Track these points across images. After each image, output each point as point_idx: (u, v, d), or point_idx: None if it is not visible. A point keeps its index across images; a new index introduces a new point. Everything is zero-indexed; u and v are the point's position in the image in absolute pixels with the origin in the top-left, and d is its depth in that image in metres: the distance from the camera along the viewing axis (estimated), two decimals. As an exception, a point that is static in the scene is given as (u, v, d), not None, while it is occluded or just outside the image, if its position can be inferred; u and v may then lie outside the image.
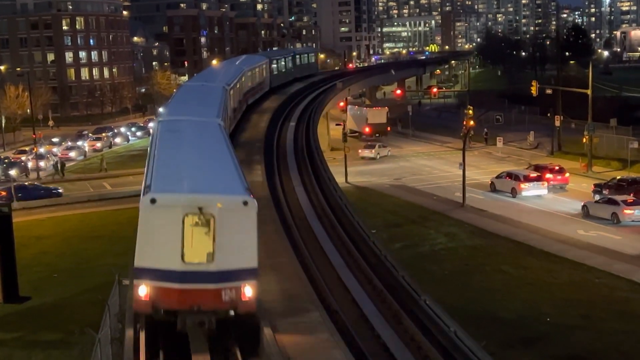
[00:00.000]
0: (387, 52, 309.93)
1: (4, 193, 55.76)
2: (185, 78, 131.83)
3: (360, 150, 70.81)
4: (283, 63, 72.23)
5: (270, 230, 23.52)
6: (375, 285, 22.61)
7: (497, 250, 38.41)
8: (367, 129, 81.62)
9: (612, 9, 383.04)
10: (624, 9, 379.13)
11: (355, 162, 65.00)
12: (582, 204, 45.70)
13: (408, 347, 18.73)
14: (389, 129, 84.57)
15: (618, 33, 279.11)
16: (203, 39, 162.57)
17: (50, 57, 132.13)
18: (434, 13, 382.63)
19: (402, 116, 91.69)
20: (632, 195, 45.15)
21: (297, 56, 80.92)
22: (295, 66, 78.38)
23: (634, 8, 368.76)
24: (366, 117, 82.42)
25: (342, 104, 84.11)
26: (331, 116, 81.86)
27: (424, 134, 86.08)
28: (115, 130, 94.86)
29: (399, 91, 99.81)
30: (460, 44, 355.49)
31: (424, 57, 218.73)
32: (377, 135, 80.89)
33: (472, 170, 57.36)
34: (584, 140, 61.31)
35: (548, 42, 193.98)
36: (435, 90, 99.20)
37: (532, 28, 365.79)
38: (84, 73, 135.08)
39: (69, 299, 32.29)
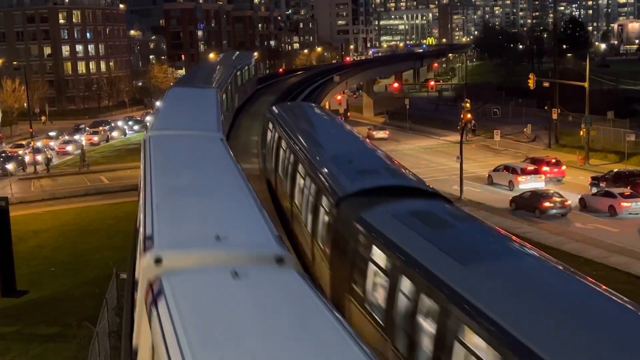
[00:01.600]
0: (385, 45, 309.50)
1: None
2: (182, 72, 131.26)
3: (375, 132, 78.65)
4: (230, 91, 41.95)
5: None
6: None
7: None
8: None
9: (610, 2, 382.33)
10: (621, 1, 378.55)
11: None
12: (579, 196, 45.74)
13: None
14: (349, 114, 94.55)
15: (615, 26, 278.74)
16: (200, 32, 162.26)
17: (47, 50, 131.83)
18: (431, 6, 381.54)
19: (397, 109, 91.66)
20: (629, 187, 45.22)
21: (239, 73, 49.19)
22: (237, 90, 47.71)
23: (631, 0, 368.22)
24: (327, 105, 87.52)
25: (339, 97, 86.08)
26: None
27: (421, 127, 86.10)
28: (113, 124, 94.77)
29: (396, 84, 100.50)
30: (457, 37, 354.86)
31: (421, 50, 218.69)
32: None
33: (469, 163, 57.32)
34: (581, 133, 61.38)
35: (545, 35, 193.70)
36: (432, 83, 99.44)
37: (529, 21, 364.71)
38: (81, 67, 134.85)
39: (67, 293, 32.32)
